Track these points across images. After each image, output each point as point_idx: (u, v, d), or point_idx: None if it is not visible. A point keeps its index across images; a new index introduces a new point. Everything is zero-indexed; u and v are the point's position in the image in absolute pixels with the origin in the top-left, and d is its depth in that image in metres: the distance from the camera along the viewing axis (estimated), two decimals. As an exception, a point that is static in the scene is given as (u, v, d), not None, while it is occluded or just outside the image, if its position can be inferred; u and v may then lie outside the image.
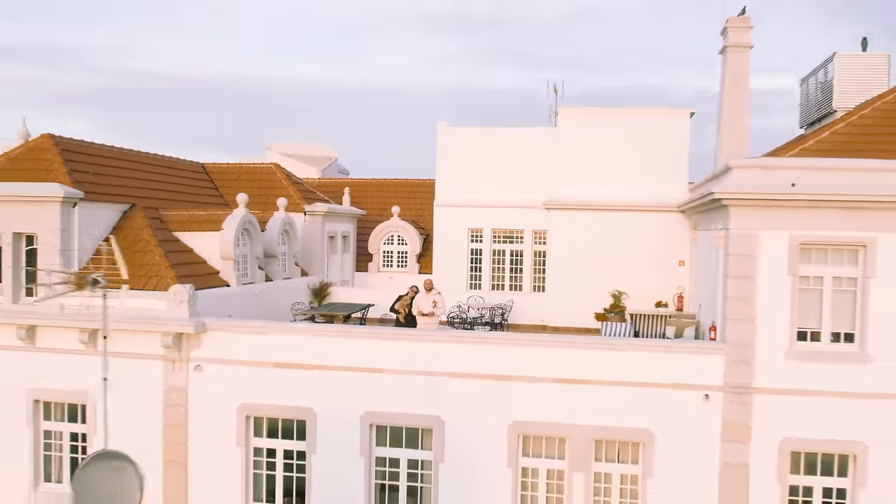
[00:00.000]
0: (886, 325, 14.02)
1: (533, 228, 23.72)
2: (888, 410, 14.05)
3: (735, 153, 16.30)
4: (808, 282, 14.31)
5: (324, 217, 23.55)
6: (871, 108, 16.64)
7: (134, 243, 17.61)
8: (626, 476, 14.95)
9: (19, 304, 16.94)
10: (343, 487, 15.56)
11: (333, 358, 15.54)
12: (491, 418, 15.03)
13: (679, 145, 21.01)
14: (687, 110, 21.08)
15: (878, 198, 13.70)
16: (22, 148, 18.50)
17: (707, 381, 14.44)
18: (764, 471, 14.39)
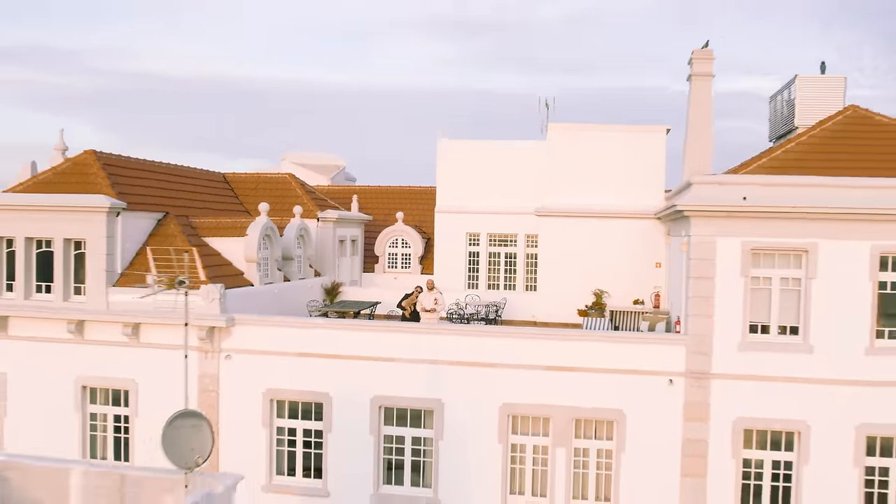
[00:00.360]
0: (826, 320, 16.07)
1: (525, 233, 25.75)
2: (827, 393, 16.10)
3: (697, 170, 18.33)
4: (758, 282, 16.38)
5: (335, 223, 25.64)
6: (821, 128, 18.70)
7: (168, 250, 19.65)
8: (602, 451, 17.02)
9: (69, 302, 19.02)
10: (355, 462, 17.64)
11: (347, 348, 17.62)
12: (484, 400, 17.10)
13: (656, 158, 23.02)
14: (663, 127, 23.09)
15: (818, 209, 15.75)
16: (68, 163, 20.58)
17: (671, 368, 16.51)
18: (720, 446, 16.45)
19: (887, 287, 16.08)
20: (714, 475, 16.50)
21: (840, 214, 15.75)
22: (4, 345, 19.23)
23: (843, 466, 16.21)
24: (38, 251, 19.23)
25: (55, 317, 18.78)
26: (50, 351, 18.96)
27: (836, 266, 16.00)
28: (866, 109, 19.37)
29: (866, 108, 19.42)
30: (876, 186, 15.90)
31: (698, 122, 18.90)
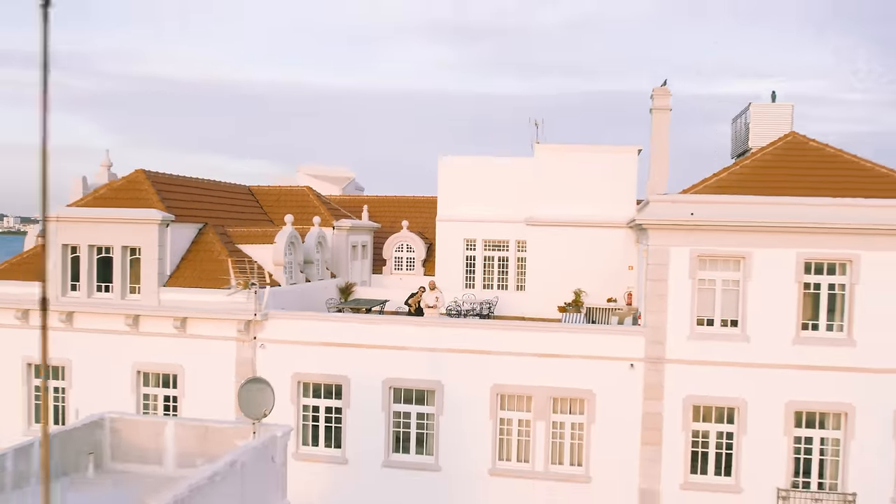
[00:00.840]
0: (760, 315, 19.17)
1: (516, 239, 28.82)
2: (761, 375, 19.19)
3: (655, 189, 21.35)
4: (704, 283, 19.48)
5: (348, 231, 28.75)
6: (763, 153, 21.78)
7: (209, 254, 22.79)
8: (575, 424, 20.12)
9: (126, 300, 22.14)
10: (369, 434, 20.75)
11: (361, 338, 20.74)
12: (478, 382, 20.21)
13: (629, 175, 26.07)
14: (635, 147, 26.15)
15: (752, 223, 18.85)
16: (122, 180, 23.71)
17: (632, 354, 19.61)
18: (673, 419, 19.55)
19: (810, 287, 19.18)
20: (668, 444, 19.60)
21: (770, 227, 18.85)
22: (70, 336, 22.35)
23: (775, 436, 19.31)
24: (99, 256, 22.35)
25: (114, 312, 21.92)
26: (109, 341, 22.09)
27: (768, 270, 19.10)
28: (804, 136, 22.44)
29: (805, 135, 22.50)
30: (801, 204, 19.00)
31: (658, 148, 21.94)
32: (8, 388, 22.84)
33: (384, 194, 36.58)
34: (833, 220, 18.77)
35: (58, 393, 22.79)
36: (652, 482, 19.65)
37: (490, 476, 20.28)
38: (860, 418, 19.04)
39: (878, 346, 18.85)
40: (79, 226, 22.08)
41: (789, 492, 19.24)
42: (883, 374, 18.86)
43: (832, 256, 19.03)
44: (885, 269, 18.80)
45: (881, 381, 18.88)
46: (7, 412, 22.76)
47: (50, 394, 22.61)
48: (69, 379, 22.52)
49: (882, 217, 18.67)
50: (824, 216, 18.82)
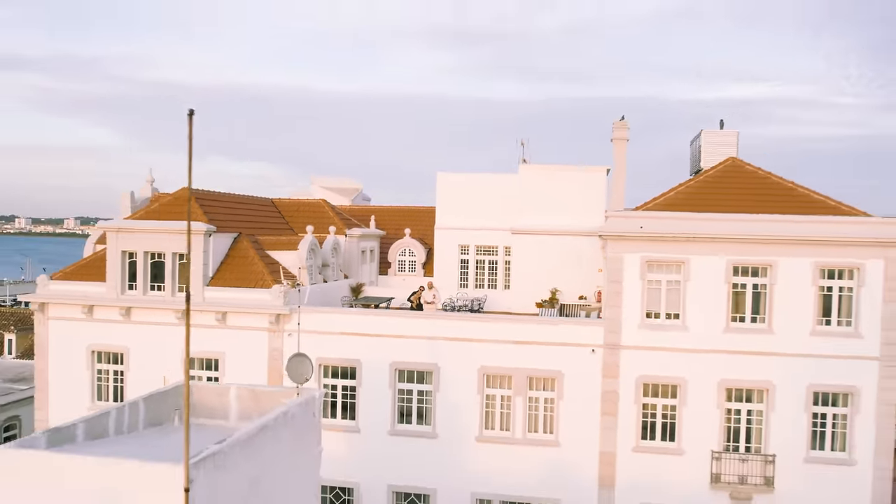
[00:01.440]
0: (697, 309, 23.12)
1: (503, 245, 32.64)
2: (698, 358, 23.12)
3: (614, 206, 25.23)
4: (652, 283, 23.43)
5: (359, 238, 32.68)
6: (705, 174, 25.74)
7: (244, 259, 26.75)
8: (548, 399, 24.07)
9: (175, 297, 26.09)
10: (378, 408, 24.69)
11: (371, 329, 24.69)
12: (467, 364, 24.16)
13: (599, 190, 29.96)
14: (604, 167, 30.10)
15: (689, 234, 22.81)
16: (170, 197, 27.70)
17: (593, 341, 23.57)
18: (627, 395, 23.50)
19: (737, 287, 23.15)
20: (623, 415, 23.56)
21: (704, 238, 22.83)
22: (128, 327, 26.35)
23: (709, 408, 23.27)
24: (152, 261, 26.32)
25: (165, 308, 25.89)
26: (161, 332, 26.04)
27: (703, 273, 23.07)
28: (742, 160, 26.42)
29: (743, 160, 26.46)
30: (729, 219, 22.97)
31: (617, 171, 25.81)
32: (75, 371, 26.79)
33: (389, 204, 40.53)
34: (756, 232, 22.75)
35: (118, 375, 26.78)
36: (609, 446, 23.62)
37: (477, 442, 24.26)
38: (779, 393, 23.01)
39: (792, 334, 22.83)
40: (136, 236, 26.06)
41: (721, 454, 23.20)
42: (796, 358, 22.83)
43: (755, 262, 23.00)
44: (797, 272, 22.77)
45: (795, 363, 22.85)
46: (74, 391, 26.71)
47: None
48: (127, 363, 26.50)
49: (795, 230, 22.64)
50: (749, 229, 22.80)
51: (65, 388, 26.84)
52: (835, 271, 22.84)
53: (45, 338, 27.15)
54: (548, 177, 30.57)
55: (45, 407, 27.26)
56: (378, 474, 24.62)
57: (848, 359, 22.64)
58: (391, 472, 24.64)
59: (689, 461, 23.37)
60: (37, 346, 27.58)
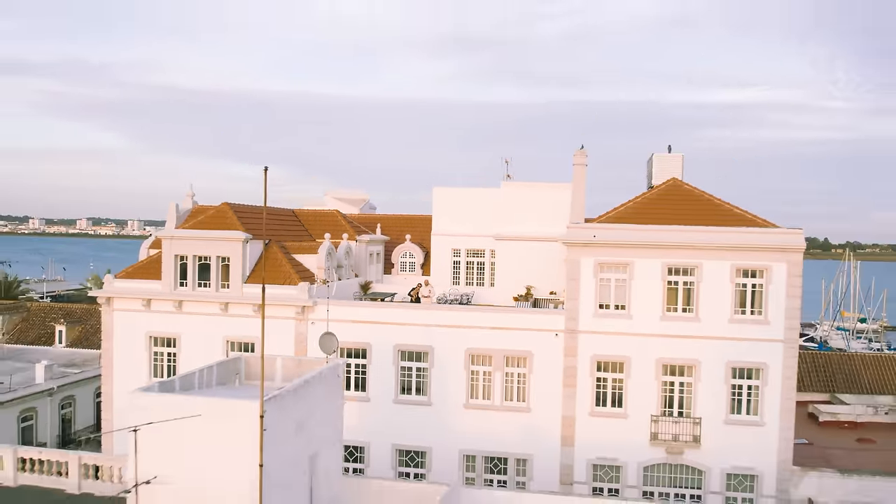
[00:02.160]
0: (640, 301, 28.33)
1: (489, 249, 37.70)
2: (640, 341, 28.32)
3: (574, 219, 30.35)
4: (602, 281, 28.63)
5: (367, 243, 37.88)
6: (650, 192, 30.93)
7: (275, 261, 31.95)
8: (520, 374, 29.28)
9: (219, 292, 31.28)
10: (384, 382, 29.91)
11: (379, 317, 29.91)
12: (456, 346, 29.37)
13: (565, 204, 35.06)
14: (565, 184, 35.26)
15: (632, 242, 28.03)
16: (214, 210, 32.90)
17: (557, 327, 28.78)
18: (583, 370, 28.71)
19: (671, 284, 28.35)
20: (580, 387, 28.77)
21: (644, 245, 28.03)
22: (179, 317, 31.54)
23: (649, 381, 28.48)
24: (200, 263, 31.52)
25: (211, 301, 31.09)
26: (207, 321, 31.23)
27: (644, 273, 28.27)
28: (682, 181, 31.62)
29: (685, 181, 31.66)
30: (664, 230, 28.17)
31: (577, 191, 30.99)
32: (135, 353, 31.99)
33: (392, 213, 45.69)
34: (686, 240, 27.97)
35: (170, 357, 31.98)
36: (570, 411, 28.84)
37: (464, 409, 29.49)
38: (704, 369, 28.22)
39: (714, 322, 28.05)
40: (187, 242, 31.29)
41: (658, 417, 28.41)
42: (718, 340, 28.03)
43: (685, 264, 28.22)
44: (719, 272, 27.97)
45: (717, 344, 28.06)
46: (134, 369, 31.86)
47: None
48: (178, 347, 31.72)
49: (717, 239, 27.85)
50: (680, 238, 28.03)
51: (126, 367, 32.04)
52: (748, 271, 28.06)
53: (111, 326, 32.38)
54: (525, 192, 35.77)
55: (109, 382, 32.47)
56: (384, 435, 29.84)
57: (758, 341, 27.86)
58: (395, 434, 29.88)
59: (633, 423, 28.58)
60: (103, 332, 32.81)
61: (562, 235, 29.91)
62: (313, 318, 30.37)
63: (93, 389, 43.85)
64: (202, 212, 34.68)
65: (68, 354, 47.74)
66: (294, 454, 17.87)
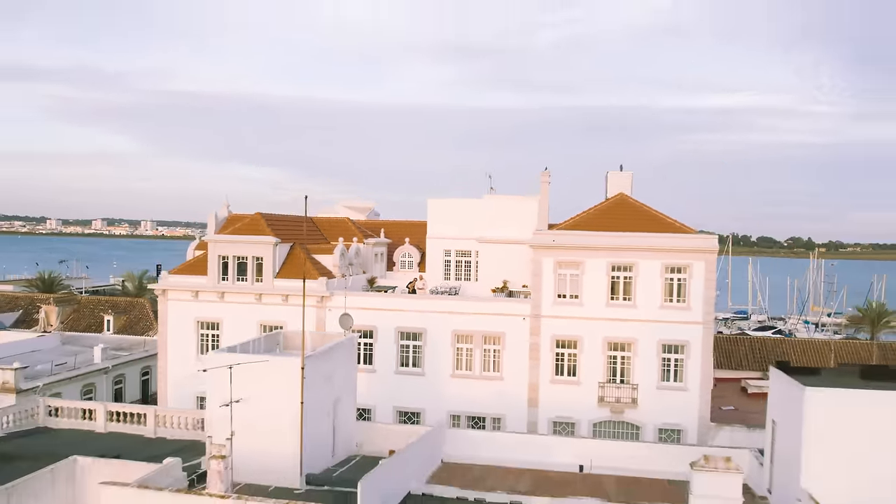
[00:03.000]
0: (591, 292, 34.86)
1: (474, 250, 44.17)
2: (591, 323, 34.84)
3: (539, 227, 36.80)
4: (560, 276, 35.15)
5: (373, 245, 44.38)
6: (601, 204, 37.42)
7: (298, 260, 38.47)
8: (496, 350, 35.83)
9: (254, 285, 37.78)
10: (387, 356, 36.47)
11: (383, 305, 36.47)
12: (444, 328, 35.93)
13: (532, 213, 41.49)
14: (535, 197, 41.70)
15: (583, 246, 34.55)
16: (248, 218, 39.42)
17: (524, 312, 35.33)
18: (545, 347, 35.24)
19: (614, 278, 34.86)
20: (543, 360, 35.29)
21: (593, 248, 34.55)
22: (222, 305, 38.07)
23: (597, 355, 35.00)
24: (238, 262, 38.03)
25: (247, 292, 37.63)
26: (244, 308, 37.77)
27: (593, 269, 34.79)
28: (627, 196, 38.11)
29: (628, 195, 38.11)
30: (609, 235, 34.68)
31: (542, 204, 37.45)
32: (185, 335, 38.50)
33: (393, 219, 52.23)
34: (625, 244, 34.45)
35: (214, 337, 38.50)
36: (535, 379, 35.36)
37: (451, 378, 36.03)
38: (640, 345, 34.71)
39: (648, 308, 34.54)
40: (226, 245, 37.82)
41: (604, 384, 34.90)
42: (651, 323, 34.51)
43: (625, 263, 34.72)
44: (651, 269, 34.47)
45: (650, 326, 34.55)
46: (184, 347, 38.37)
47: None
48: (221, 329, 38.24)
49: (650, 242, 34.34)
50: (621, 242, 34.52)
51: (178, 345, 38.59)
52: (674, 268, 34.57)
53: (166, 312, 38.93)
54: (502, 203, 42.26)
55: (164, 357, 39.01)
56: (387, 399, 36.35)
57: (683, 323, 34.37)
58: (395, 398, 36.41)
59: (584, 389, 35.09)
60: (159, 317, 39.37)
61: (529, 239, 36.39)
62: (330, 305, 36.89)
63: (139, 369, 50.27)
64: (238, 219, 41.23)
65: (116, 340, 54.15)
66: (323, 398, 24.36)
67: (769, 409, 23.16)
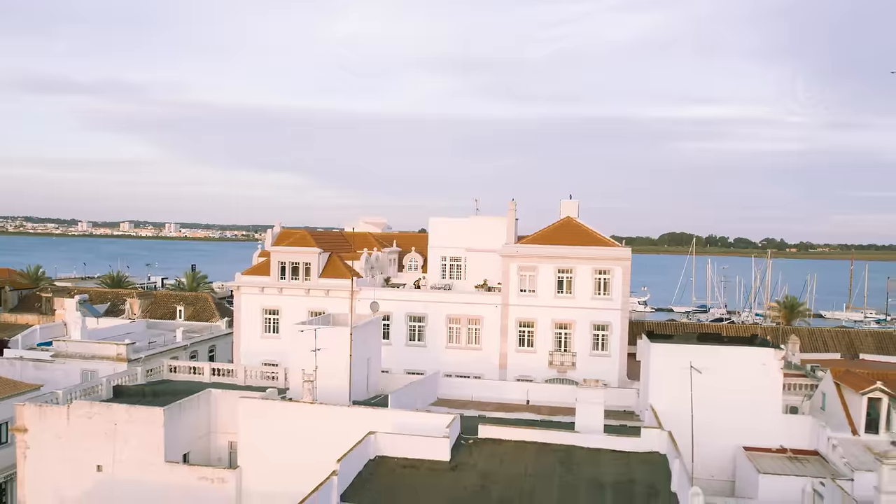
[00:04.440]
0: (543, 287, 47.20)
1: (463, 257, 56.45)
2: (543, 310, 47.18)
3: (507, 241, 48.97)
4: (522, 277, 47.50)
5: (388, 253, 56.67)
6: (551, 225, 49.74)
7: (336, 264, 50.82)
8: (477, 329, 48.22)
9: (303, 282, 50.11)
10: (400, 333, 48.87)
11: (396, 297, 48.87)
12: (441, 313, 48.36)
13: (504, 230, 53.66)
14: (502, 218, 53.82)
15: (538, 255, 46.89)
16: (299, 233, 51.79)
17: (496, 301, 47.71)
18: (512, 326, 47.61)
19: (560, 279, 47.19)
20: (510, 335, 47.66)
21: (544, 257, 46.90)
22: (281, 297, 50.43)
23: (548, 332, 47.35)
24: (292, 266, 50.39)
25: (299, 288, 50.03)
26: (297, 299, 50.14)
27: (545, 272, 47.14)
28: (573, 218, 50.39)
29: (574, 217, 50.43)
30: (556, 246, 46.99)
31: (510, 224, 49.58)
32: (253, 319, 50.88)
33: (403, 231, 64.50)
34: (567, 254, 46.77)
35: (275, 321, 50.84)
36: (504, 349, 47.71)
37: (445, 349, 48.42)
38: (577, 326, 47.05)
39: (583, 299, 46.88)
40: (284, 254, 50.20)
41: (553, 352, 47.24)
42: (585, 310, 46.84)
43: (567, 267, 47.06)
44: (585, 272, 46.79)
45: (584, 312, 46.87)
46: (253, 328, 50.76)
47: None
48: (281, 314, 50.61)
49: (584, 253, 46.66)
50: (564, 252, 46.84)
51: (248, 326, 50.97)
52: (601, 271, 46.86)
53: (240, 303, 51.31)
54: (484, 222, 54.61)
55: (238, 335, 51.39)
56: (400, 364, 48.56)
57: (607, 310, 46.68)
58: (405, 363, 48.64)
59: (539, 356, 47.38)
60: (235, 306, 51.72)
61: (500, 250, 48.71)
62: (359, 297, 49.19)
63: (207, 346, 62.55)
64: (290, 234, 53.60)
65: (188, 325, 66.58)
66: (361, 355, 36.61)
67: (640, 361, 35.50)
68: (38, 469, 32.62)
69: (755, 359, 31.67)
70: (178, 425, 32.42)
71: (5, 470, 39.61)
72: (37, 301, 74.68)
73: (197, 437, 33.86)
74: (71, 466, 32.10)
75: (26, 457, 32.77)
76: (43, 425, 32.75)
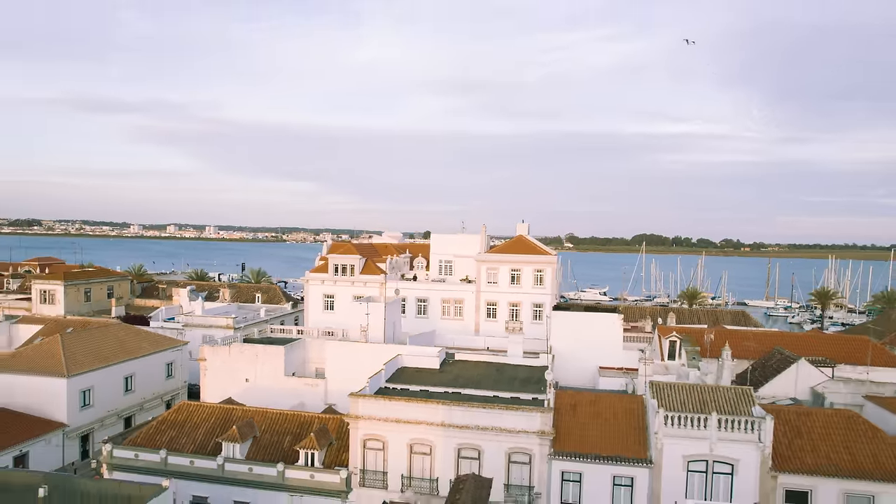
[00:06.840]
0: (501, 280, 68.13)
1: (454, 261, 77.12)
2: (502, 295, 68.12)
3: (480, 251, 69.39)
4: (489, 273, 68.43)
5: (403, 257, 77.53)
6: (508, 240, 70.61)
7: (370, 266, 71.77)
8: (461, 307, 69.21)
9: (347, 278, 71.11)
10: (411, 310, 69.89)
11: (408, 287, 69.94)
12: (437, 296, 69.39)
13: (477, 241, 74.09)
14: (478, 235, 74.35)
15: (497, 260, 67.81)
16: (346, 245, 72.83)
17: (473, 290, 68.68)
18: (482, 305, 68.59)
19: (513, 274, 68.09)
20: (481, 311, 68.67)
21: (502, 261, 67.79)
22: (335, 287, 71.50)
23: (505, 308, 68.32)
24: (342, 266, 71.34)
25: (347, 281, 71.09)
26: (346, 288, 71.20)
27: (503, 269, 68.09)
28: (524, 236, 71.23)
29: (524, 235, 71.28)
30: (501, 253, 67.89)
31: (482, 239, 70.04)
32: (317, 302, 71.96)
33: (414, 241, 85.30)
34: (516, 259, 67.65)
35: (331, 303, 71.88)
36: (478, 320, 68.68)
37: (440, 319, 69.43)
38: (523, 306, 68.01)
39: (527, 288, 67.80)
40: (338, 259, 71.25)
41: (508, 321, 68.16)
42: (528, 294, 67.75)
43: (516, 267, 67.97)
44: (528, 270, 67.66)
45: (528, 296, 67.82)
46: (317, 309, 71.81)
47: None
48: (336, 298, 71.68)
49: (527, 258, 67.54)
50: (515, 259, 67.74)
51: (313, 306, 72.10)
52: (539, 269, 67.70)
53: (308, 291, 72.44)
54: (467, 238, 75.44)
55: (307, 312, 72.51)
56: (411, 329, 69.40)
57: (542, 295, 67.56)
58: (415, 329, 69.56)
59: (499, 323, 68.29)
60: (305, 294, 72.83)
61: (475, 256, 69.58)
62: (387, 287, 70.20)
63: (279, 321, 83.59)
64: (339, 245, 74.62)
65: (265, 307, 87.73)
66: (389, 320, 57.52)
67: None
68: (212, 381, 53.65)
69: (607, 321, 52.46)
70: (290, 356, 53.48)
71: (170, 392, 60.85)
72: (154, 290, 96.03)
73: (299, 363, 54.96)
74: (230, 378, 53.11)
75: (206, 374, 53.83)
76: (214, 357, 53.79)
